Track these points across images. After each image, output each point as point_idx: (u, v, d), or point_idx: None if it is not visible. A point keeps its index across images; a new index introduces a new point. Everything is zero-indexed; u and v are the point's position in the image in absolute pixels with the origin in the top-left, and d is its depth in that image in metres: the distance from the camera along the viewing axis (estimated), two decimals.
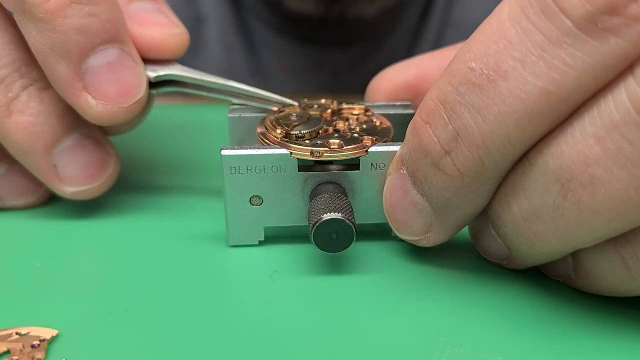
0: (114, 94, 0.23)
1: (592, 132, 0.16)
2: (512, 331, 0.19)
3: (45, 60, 0.22)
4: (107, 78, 0.23)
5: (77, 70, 0.22)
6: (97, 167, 0.25)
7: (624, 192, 0.16)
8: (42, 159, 0.24)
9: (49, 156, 0.24)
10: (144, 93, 0.24)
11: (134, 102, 0.23)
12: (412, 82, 0.27)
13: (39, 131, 0.23)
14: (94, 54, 0.22)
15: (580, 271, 0.19)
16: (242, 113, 0.26)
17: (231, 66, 0.49)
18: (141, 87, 0.23)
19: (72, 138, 0.24)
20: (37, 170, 0.24)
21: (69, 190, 0.25)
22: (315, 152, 0.22)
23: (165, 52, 0.25)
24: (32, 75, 0.24)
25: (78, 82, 0.22)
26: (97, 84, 0.22)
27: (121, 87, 0.23)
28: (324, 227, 0.20)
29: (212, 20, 0.48)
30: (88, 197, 0.25)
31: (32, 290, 0.21)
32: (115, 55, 0.23)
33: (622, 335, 0.19)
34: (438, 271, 0.22)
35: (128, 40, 0.23)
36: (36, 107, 0.23)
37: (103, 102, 0.23)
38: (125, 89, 0.23)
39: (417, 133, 0.19)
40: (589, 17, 0.15)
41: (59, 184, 0.24)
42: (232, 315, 0.20)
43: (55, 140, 0.24)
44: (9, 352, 0.18)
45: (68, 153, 0.24)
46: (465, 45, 0.18)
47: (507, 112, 0.17)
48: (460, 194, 0.19)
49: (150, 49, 0.24)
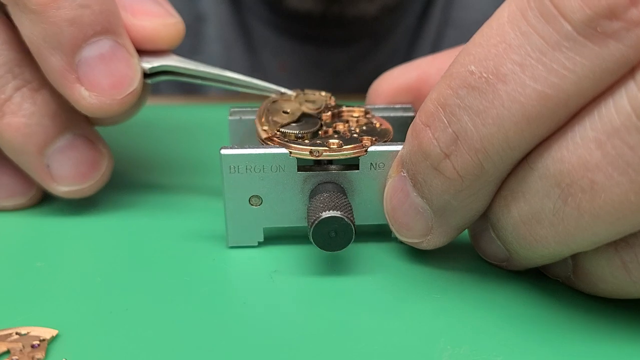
0: (107, 86, 0.23)
1: (593, 137, 0.16)
2: (512, 331, 0.19)
3: (39, 52, 0.22)
4: (100, 70, 0.23)
5: (71, 62, 0.22)
6: (89, 167, 0.25)
7: (625, 197, 0.16)
8: (35, 159, 0.24)
9: (42, 156, 0.24)
10: (137, 85, 0.24)
11: (127, 93, 0.23)
12: (412, 85, 0.27)
13: (31, 132, 0.24)
14: (87, 46, 0.22)
15: (580, 273, 0.19)
16: (242, 116, 0.26)
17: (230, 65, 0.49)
18: (135, 79, 0.23)
19: (65, 138, 0.24)
20: (30, 170, 0.25)
21: (62, 190, 0.25)
22: (315, 152, 0.22)
23: (159, 42, 0.25)
24: (25, 76, 0.24)
25: (71, 73, 0.22)
26: (91, 75, 0.22)
27: (114, 79, 0.23)
28: (323, 225, 0.20)
29: (211, 19, 0.48)
30: (81, 195, 0.25)
31: (32, 290, 0.21)
32: (108, 46, 0.23)
33: (622, 336, 0.19)
34: (438, 272, 0.22)
35: (122, 32, 0.23)
36: (29, 108, 0.23)
37: (96, 94, 0.23)
38: (118, 80, 0.23)
39: (417, 136, 0.19)
40: (588, 21, 0.15)
41: (52, 183, 0.24)
42: (232, 315, 0.20)
43: (48, 140, 0.24)
44: (9, 352, 0.18)
45: (61, 153, 0.24)
46: (465, 49, 0.18)
47: (506, 115, 0.17)
48: (460, 196, 0.19)
49: (144, 40, 0.24)
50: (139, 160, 0.32)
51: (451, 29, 0.49)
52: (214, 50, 0.48)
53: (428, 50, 0.49)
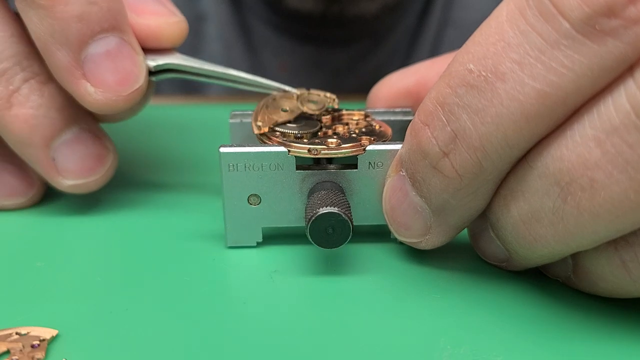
0: (113, 83, 0.23)
1: (592, 135, 0.16)
2: (512, 331, 0.19)
3: (46, 48, 0.22)
4: (107, 66, 0.23)
5: (77, 58, 0.22)
6: (95, 161, 0.25)
7: (624, 196, 0.16)
8: (41, 151, 0.24)
9: (48, 149, 0.24)
10: (143, 82, 0.24)
11: (133, 90, 0.23)
12: (412, 89, 0.27)
13: (38, 124, 0.24)
14: (94, 42, 0.22)
15: (579, 272, 0.19)
16: (243, 119, 0.26)
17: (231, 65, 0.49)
18: (140, 76, 0.24)
19: (72, 132, 0.24)
20: (35, 163, 0.25)
21: (67, 183, 0.25)
22: (313, 150, 0.22)
23: (163, 40, 0.25)
24: (33, 68, 0.24)
25: (77, 70, 0.22)
26: (96, 72, 0.23)
27: (120, 75, 0.23)
28: (320, 221, 0.20)
29: (212, 19, 0.48)
30: (86, 190, 0.25)
31: (32, 290, 0.21)
32: (115, 43, 0.23)
33: (622, 336, 0.19)
34: (438, 272, 0.22)
35: (128, 29, 0.23)
36: (36, 100, 0.24)
37: (102, 91, 0.23)
38: (124, 77, 0.23)
39: (416, 135, 0.19)
40: (586, 20, 0.15)
41: (57, 176, 0.24)
42: (232, 315, 0.20)
43: (55, 133, 0.24)
44: (9, 352, 0.18)
45: (67, 146, 0.24)
46: (464, 47, 0.18)
47: (505, 113, 0.17)
48: (458, 195, 0.19)
49: (148, 38, 0.25)
50: (139, 160, 0.32)
51: (451, 29, 0.49)
52: (214, 49, 0.48)
53: (428, 50, 0.49)
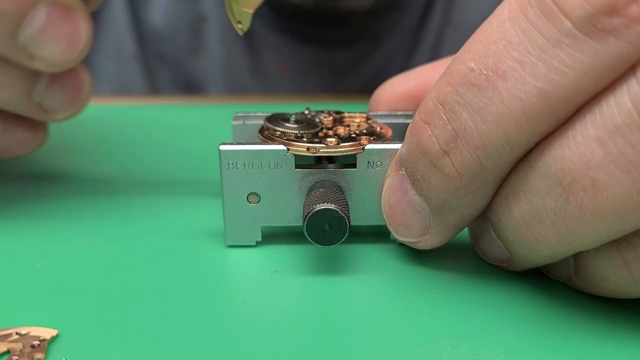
0: (59, 53, 0.23)
1: (594, 135, 0.16)
2: (512, 331, 0.19)
3: None
4: (46, 41, 0.22)
5: (15, 43, 0.22)
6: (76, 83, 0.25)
7: (627, 196, 0.16)
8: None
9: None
10: (87, 35, 0.23)
11: (80, 48, 0.23)
12: (413, 93, 0.27)
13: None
14: (26, 26, 0.22)
15: (581, 273, 0.19)
16: (245, 120, 0.26)
17: (231, 66, 0.49)
18: (82, 34, 0.23)
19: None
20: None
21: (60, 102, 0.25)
22: (312, 148, 0.22)
23: None
24: None
25: (22, 53, 0.22)
26: (41, 50, 0.22)
27: (63, 43, 0.23)
28: (317, 217, 0.20)
29: (212, 20, 0.48)
30: None
31: (32, 290, 0.21)
32: (45, 15, 0.22)
33: (623, 337, 0.19)
34: (438, 272, 0.22)
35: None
36: None
37: (52, 63, 0.23)
38: (67, 43, 0.23)
39: (417, 133, 0.19)
40: (588, 18, 0.15)
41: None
42: (232, 315, 0.20)
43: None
44: (9, 352, 0.18)
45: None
46: (465, 46, 0.18)
47: (506, 112, 0.17)
48: (458, 194, 0.19)
49: None
50: (139, 159, 0.32)
51: (452, 30, 0.49)
52: (214, 50, 0.49)
53: (429, 51, 0.49)
